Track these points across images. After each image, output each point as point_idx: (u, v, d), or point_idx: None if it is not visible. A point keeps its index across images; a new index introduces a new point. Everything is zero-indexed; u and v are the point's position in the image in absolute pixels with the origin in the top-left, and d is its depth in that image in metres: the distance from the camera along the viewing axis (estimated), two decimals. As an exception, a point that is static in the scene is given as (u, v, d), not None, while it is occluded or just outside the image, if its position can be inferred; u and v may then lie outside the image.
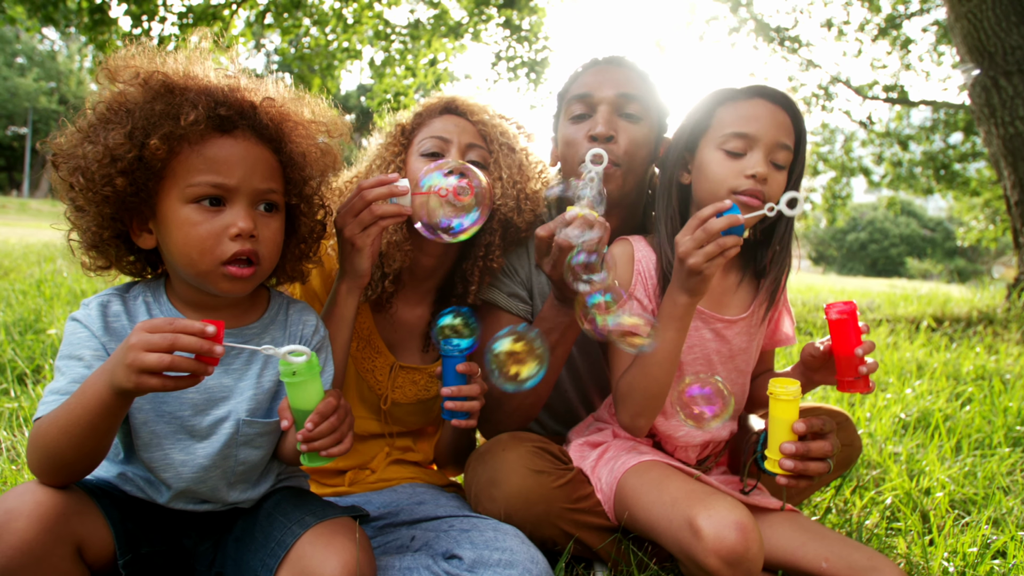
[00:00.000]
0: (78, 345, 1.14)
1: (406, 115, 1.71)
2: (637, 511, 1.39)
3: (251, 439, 1.24)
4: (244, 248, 1.15)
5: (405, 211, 1.37)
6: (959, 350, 4.47)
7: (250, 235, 1.15)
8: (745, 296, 1.59)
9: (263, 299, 1.35)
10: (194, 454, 1.19)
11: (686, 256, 1.29)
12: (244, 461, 1.25)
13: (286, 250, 1.32)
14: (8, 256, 7.06)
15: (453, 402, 1.45)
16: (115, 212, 1.14)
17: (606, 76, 1.68)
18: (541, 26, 10.97)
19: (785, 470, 1.33)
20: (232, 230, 1.14)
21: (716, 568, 1.21)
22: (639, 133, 1.66)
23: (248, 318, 1.30)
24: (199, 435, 1.20)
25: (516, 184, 1.66)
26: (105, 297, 1.20)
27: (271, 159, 1.21)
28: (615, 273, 1.55)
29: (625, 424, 1.48)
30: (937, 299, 7.69)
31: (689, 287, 1.33)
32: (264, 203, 1.20)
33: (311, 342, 1.35)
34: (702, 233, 1.27)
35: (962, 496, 2.09)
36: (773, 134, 1.40)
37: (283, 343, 1.32)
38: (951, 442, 2.51)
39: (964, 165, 14.15)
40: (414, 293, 1.75)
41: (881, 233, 45.98)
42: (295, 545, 1.15)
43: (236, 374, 1.24)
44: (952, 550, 1.68)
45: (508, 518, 1.38)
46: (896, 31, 12.72)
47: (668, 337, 1.38)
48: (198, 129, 1.11)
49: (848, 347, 1.36)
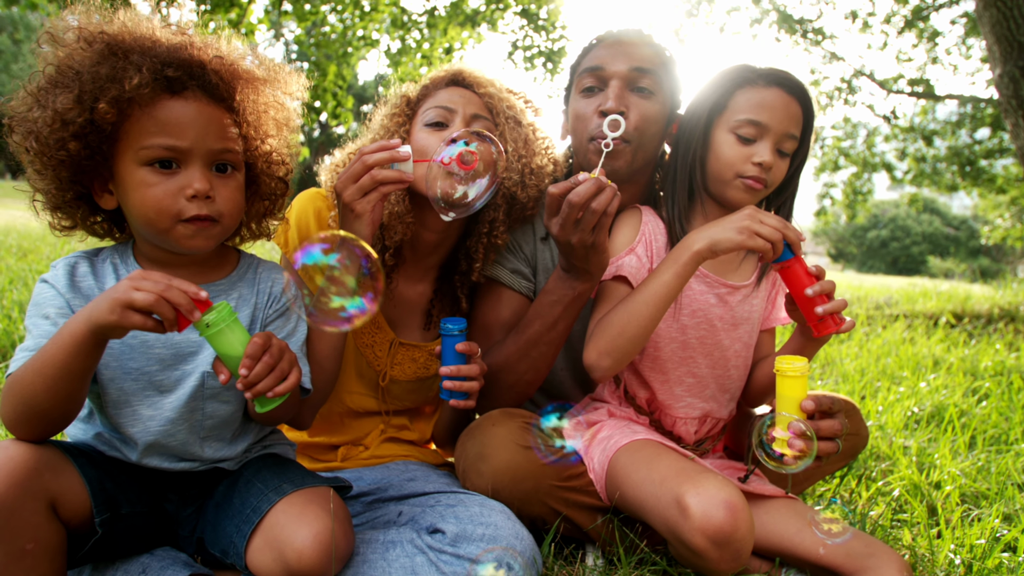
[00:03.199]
0: (44, 304, 1.15)
1: (412, 87, 1.68)
2: (627, 489, 1.35)
3: (217, 392, 1.24)
4: (201, 212, 1.15)
5: (407, 178, 1.35)
6: (978, 346, 4.36)
7: (206, 196, 1.15)
8: (748, 266, 1.59)
9: (232, 258, 1.35)
10: (160, 408, 1.19)
11: (753, 218, 1.31)
12: (212, 415, 1.25)
13: (249, 208, 1.33)
14: (27, 238, 7.18)
15: (452, 382, 1.42)
16: (72, 175, 1.15)
17: (619, 49, 1.63)
18: (558, 15, 10.87)
19: (794, 449, 1.29)
20: (187, 191, 1.13)
21: (703, 547, 1.17)
22: (651, 109, 1.61)
23: (215, 275, 1.30)
24: (166, 389, 1.20)
25: (522, 158, 1.62)
26: (73, 259, 1.22)
27: (224, 118, 1.20)
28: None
29: (590, 362, 1.44)
30: (957, 296, 7.52)
31: (722, 238, 1.32)
32: (219, 163, 1.19)
33: (279, 300, 1.34)
34: (777, 232, 1.30)
35: (973, 491, 2.02)
36: (784, 125, 1.44)
37: (251, 300, 1.31)
38: (965, 437, 2.44)
39: (991, 161, 13.79)
40: (416, 269, 1.72)
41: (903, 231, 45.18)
42: (269, 512, 1.14)
43: None
44: (959, 543, 1.62)
45: (496, 494, 1.35)
46: (923, 23, 12.40)
47: (664, 280, 1.36)
48: (146, 91, 1.10)
49: (800, 292, 1.35)
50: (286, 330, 1.34)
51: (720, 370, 1.56)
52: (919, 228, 44.93)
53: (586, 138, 1.63)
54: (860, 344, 4.36)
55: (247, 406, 1.29)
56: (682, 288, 1.38)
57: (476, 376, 1.46)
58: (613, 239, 1.56)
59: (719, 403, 1.59)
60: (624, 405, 1.61)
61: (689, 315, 1.53)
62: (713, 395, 1.57)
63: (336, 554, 1.13)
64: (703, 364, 1.55)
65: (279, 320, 1.34)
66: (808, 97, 1.48)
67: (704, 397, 1.57)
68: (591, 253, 1.36)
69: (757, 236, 1.29)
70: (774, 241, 1.29)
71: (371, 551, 1.24)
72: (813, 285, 1.33)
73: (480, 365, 1.48)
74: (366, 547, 1.23)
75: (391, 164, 1.34)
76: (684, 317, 1.52)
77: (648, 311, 1.37)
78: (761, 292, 1.59)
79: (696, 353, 1.54)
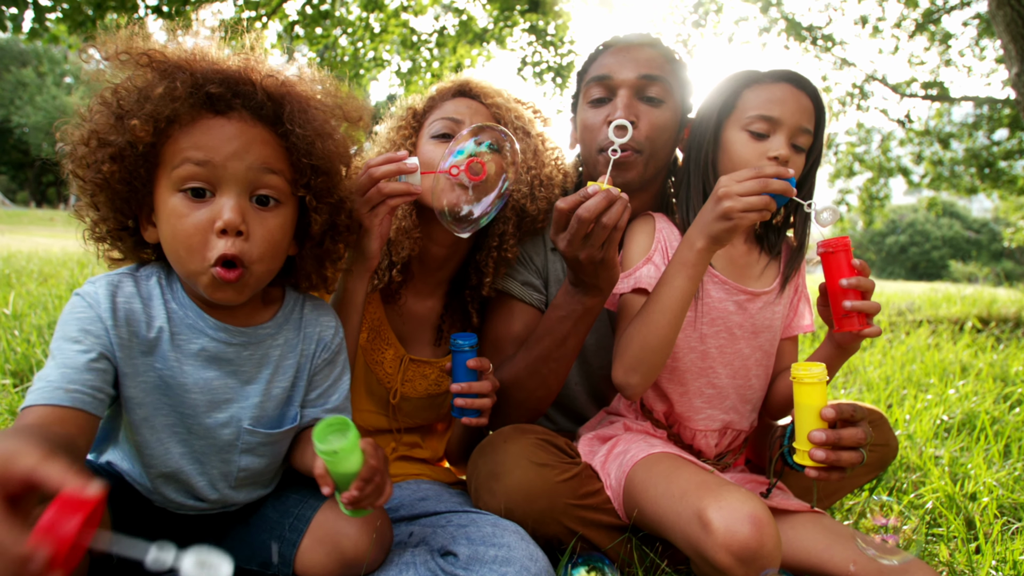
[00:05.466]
0: (74, 324, 1.02)
1: (418, 98, 1.66)
2: (645, 505, 1.30)
3: (253, 447, 1.19)
4: (228, 250, 1.01)
5: (414, 190, 1.32)
6: (1007, 351, 4.23)
7: (237, 232, 1.02)
8: (769, 273, 1.54)
9: (277, 295, 1.25)
10: (191, 447, 1.15)
11: (726, 197, 1.25)
12: (246, 468, 1.19)
13: (303, 252, 1.20)
14: (48, 263, 7.30)
15: (463, 399, 1.39)
16: (112, 202, 1.06)
17: (627, 56, 1.60)
18: (566, 30, 10.94)
19: (816, 461, 1.22)
20: (217, 223, 1.01)
21: (727, 565, 1.11)
22: (661, 117, 1.58)
23: (259, 317, 1.19)
24: (198, 434, 1.15)
25: (531, 170, 1.59)
26: (116, 276, 1.10)
27: (271, 140, 1.08)
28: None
29: (619, 381, 1.39)
30: (982, 300, 7.34)
31: (713, 231, 1.27)
32: (259, 194, 1.07)
33: (331, 346, 1.26)
34: (755, 184, 1.23)
35: (1012, 502, 1.93)
36: (796, 118, 1.40)
37: (297, 347, 1.23)
38: (999, 445, 2.34)
39: (1010, 163, 13.54)
40: (425, 284, 1.69)
41: (922, 235, 44.48)
42: (317, 514, 1.16)
43: (244, 376, 1.17)
44: (1000, 558, 1.54)
45: (509, 513, 1.30)
46: (934, 26, 12.30)
47: (677, 284, 1.31)
48: (186, 108, 1.01)
49: (835, 281, 1.29)
50: (332, 376, 1.28)
51: (741, 380, 1.51)
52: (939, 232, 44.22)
53: (596, 149, 1.60)
54: (883, 351, 4.24)
55: (290, 456, 1.26)
56: (696, 290, 1.34)
57: (488, 393, 1.42)
58: (628, 249, 1.52)
59: (740, 414, 1.53)
60: (640, 419, 1.56)
61: (708, 323, 1.48)
62: (734, 406, 1.52)
63: (382, 541, 1.19)
64: (723, 374, 1.50)
65: (326, 369, 1.28)
66: (818, 93, 1.45)
67: (724, 408, 1.51)
68: (600, 268, 1.32)
69: (743, 210, 1.23)
70: (757, 193, 1.23)
71: (383, 574, 1.20)
72: (850, 278, 1.28)
73: (492, 381, 1.44)
74: (376, 571, 1.19)
75: (398, 177, 1.32)
76: (703, 326, 1.48)
77: (667, 319, 1.32)
78: (783, 299, 1.54)
79: (716, 363, 1.49)
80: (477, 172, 1.30)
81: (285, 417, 1.22)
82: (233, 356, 1.15)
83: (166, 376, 1.10)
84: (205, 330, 1.13)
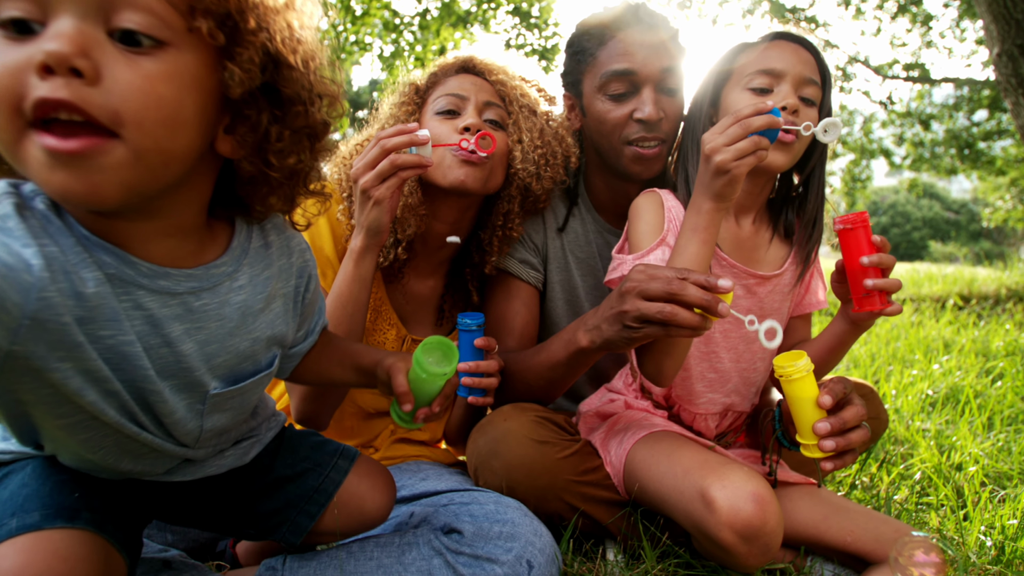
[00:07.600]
0: None
1: (420, 75, 1.63)
2: (647, 483, 1.30)
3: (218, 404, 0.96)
4: (53, 93, 0.62)
5: (426, 162, 1.32)
6: (988, 327, 4.31)
7: (72, 70, 0.63)
8: (778, 254, 1.50)
9: (221, 225, 0.91)
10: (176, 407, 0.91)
11: (714, 152, 1.19)
12: (210, 428, 0.97)
13: (247, 155, 0.81)
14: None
15: (471, 378, 1.38)
16: None
17: (647, 47, 1.55)
18: (550, 12, 10.85)
19: (827, 451, 1.18)
20: (36, 56, 0.62)
21: (731, 543, 1.12)
22: (678, 105, 1.60)
23: (208, 252, 0.86)
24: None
25: (537, 148, 1.58)
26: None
27: None
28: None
29: (650, 374, 1.34)
30: (963, 278, 7.47)
31: (715, 190, 1.22)
32: (122, 26, 0.66)
33: (314, 274, 1.05)
34: (738, 128, 1.17)
35: (996, 471, 1.98)
36: (799, 68, 1.33)
37: (268, 284, 0.95)
38: (982, 418, 2.40)
39: (989, 144, 13.74)
40: (426, 263, 1.68)
41: (903, 216, 45.04)
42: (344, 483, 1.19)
43: (199, 338, 0.88)
44: (989, 524, 1.58)
45: (510, 491, 1.31)
46: (916, 7, 12.36)
47: (692, 251, 1.25)
48: None
49: (855, 259, 1.25)
50: (318, 307, 1.15)
51: (745, 364, 1.49)
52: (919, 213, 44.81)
53: (621, 142, 1.58)
54: (868, 329, 4.31)
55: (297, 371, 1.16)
56: (712, 256, 1.28)
57: (495, 372, 1.41)
58: (636, 225, 1.45)
59: (742, 396, 1.52)
60: (641, 398, 1.56)
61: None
62: (736, 388, 1.50)
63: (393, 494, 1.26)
64: (726, 359, 1.48)
65: (315, 301, 1.12)
66: (817, 49, 1.37)
67: (726, 392, 1.49)
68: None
69: (735, 158, 1.17)
70: (742, 137, 1.17)
71: (386, 555, 1.19)
72: (871, 255, 1.24)
73: (499, 361, 1.44)
74: (380, 551, 1.19)
75: (409, 148, 1.32)
76: None
77: None
78: (790, 281, 1.50)
79: (719, 348, 1.47)
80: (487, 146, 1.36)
81: (249, 367, 0.97)
82: (181, 312, 0.83)
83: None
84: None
